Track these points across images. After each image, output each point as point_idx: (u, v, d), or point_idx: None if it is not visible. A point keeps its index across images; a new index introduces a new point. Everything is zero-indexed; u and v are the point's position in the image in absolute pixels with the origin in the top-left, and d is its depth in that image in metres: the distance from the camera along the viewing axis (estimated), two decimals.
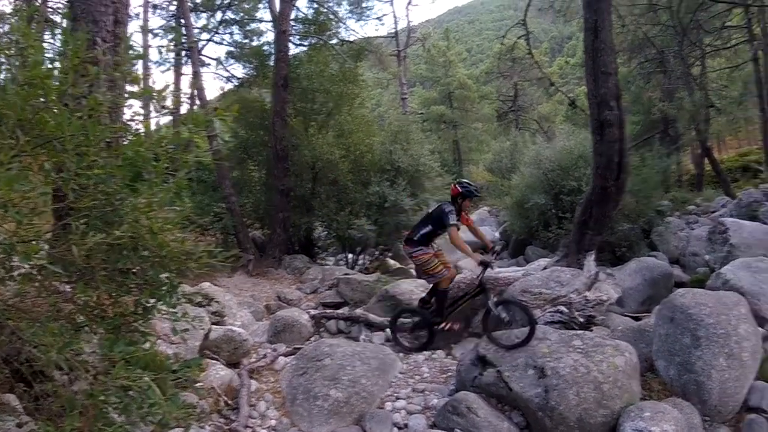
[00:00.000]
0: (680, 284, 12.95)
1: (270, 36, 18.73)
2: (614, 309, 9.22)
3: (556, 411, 5.16)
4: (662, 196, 20.15)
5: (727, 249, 12.67)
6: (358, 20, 34.37)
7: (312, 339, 8.58)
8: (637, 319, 8.41)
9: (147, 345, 3.14)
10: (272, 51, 16.80)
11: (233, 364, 6.88)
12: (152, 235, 2.84)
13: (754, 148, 33.66)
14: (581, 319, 7.65)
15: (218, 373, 6.18)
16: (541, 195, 20.35)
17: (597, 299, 8.03)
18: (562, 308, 7.77)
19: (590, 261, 10.11)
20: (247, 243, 14.70)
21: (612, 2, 12.43)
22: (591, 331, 7.14)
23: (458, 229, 6.99)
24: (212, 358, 6.58)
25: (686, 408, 5.38)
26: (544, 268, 12.27)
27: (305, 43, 17.94)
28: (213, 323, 7.20)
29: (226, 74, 20.34)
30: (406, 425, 5.84)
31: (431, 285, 7.74)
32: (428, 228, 7.38)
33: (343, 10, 23.58)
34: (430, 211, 7.75)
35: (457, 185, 7.27)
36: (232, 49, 19.73)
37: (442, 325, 7.35)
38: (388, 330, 8.88)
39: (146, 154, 2.88)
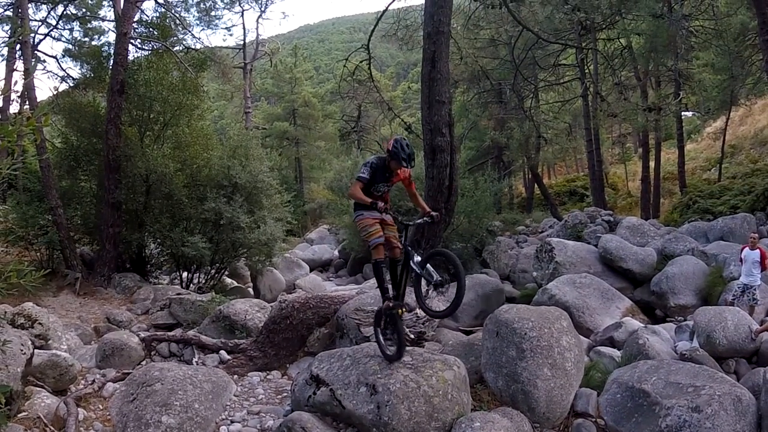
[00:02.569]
0: (511, 299, 14.30)
1: (112, 36, 17.64)
2: (448, 324, 9.79)
3: (390, 426, 5.49)
4: (494, 217, 21.85)
5: (553, 266, 14.16)
6: (206, 28, 33.43)
7: (143, 363, 8.35)
8: (468, 333, 9.05)
9: None
10: (112, 52, 15.81)
11: (60, 392, 6.55)
12: None
13: (580, 175, 37.60)
14: (412, 336, 8.09)
15: (44, 401, 5.88)
16: None
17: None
18: None
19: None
20: (74, 259, 13.71)
21: (452, 35, 13.43)
22: (422, 347, 7.62)
23: (363, 183, 5.87)
24: (37, 386, 6.23)
25: (516, 416, 5.98)
26: (377, 287, 12.80)
27: (147, 48, 17.10)
28: (36, 347, 6.75)
29: (62, 73, 18.86)
30: None
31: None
32: None
33: (191, 16, 22.90)
34: None
35: (391, 141, 6.01)
36: (70, 46, 18.24)
37: (385, 304, 6.05)
38: (222, 352, 8.83)
39: None
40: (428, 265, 5.68)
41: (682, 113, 26.62)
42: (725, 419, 5.48)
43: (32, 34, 16.10)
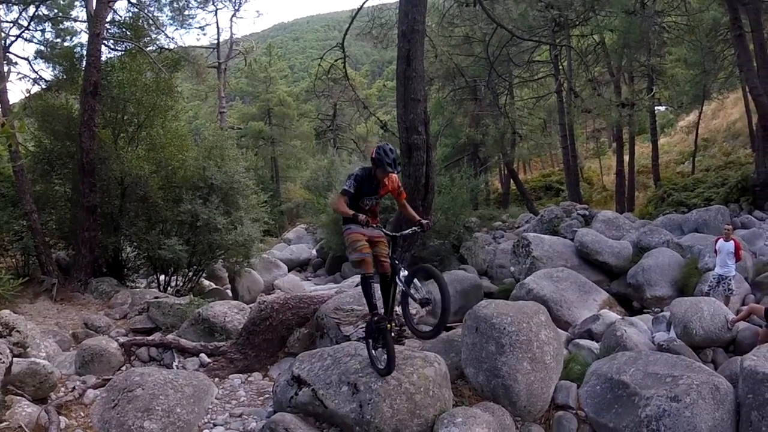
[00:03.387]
0: (489, 294, 14.41)
1: (84, 37, 17.29)
2: (427, 321, 9.86)
3: (372, 424, 5.51)
4: (471, 213, 21.97)
5: (530, 261, 14.29)
6: (180, 28, 33.05)
7: (123, 368, 8.26)
8: (447, 329, 9.10)
9: None
10: (84, 54, 15.52)
11: (40, 400, 6.46)
12: None
13: (556, 170, 37.93)
14: (392, 333, 8.11)
15: (24, 410, 5.81)
16: None
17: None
18: None
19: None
20: (50, 265, 13.42)
21: (426, 33, 13.47)
22: (402, 344, 7.64)
23: (347, 197, 5.65)
24: (17, 394, 6.13)
25: (497, 410, 6.05)
26: (357, 285, 12.81)
27: (120, 49, 16.84)
28: (15, 355, 6.62)
29: (34, 75, 18.44)
30: None
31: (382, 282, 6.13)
32: None
33: (164, 16, 22.62)
34: None
35: (374, 149, 5.74)
36: (42, 48, 17.85)
37: (373, 317, 5.88)
38: (202, 355, 8.77)
39: None
40: (415, 280, 5.49)
41: (656, 108, 27.05)
42: (704, 408, 5.59)
43: (4, 36, 15.74)
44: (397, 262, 5.67)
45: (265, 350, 8.82)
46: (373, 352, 6.02)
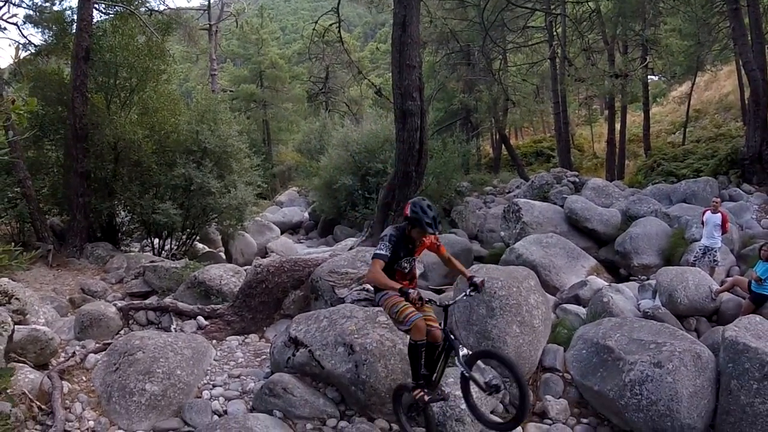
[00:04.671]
0: (479, 258, 14.66)
1: (74, 0, 16.91)
2: (419, 283, 10.04)
3: (368, 384, 5.76)
4: (462, 177, 22.11)
5: (520, 226, 14.49)
6: None
7: (122, 332, 8.39)
8: (438, 292, 9.28)
9: None
10: (75, 18, 15.25)
11: (42, 366, 6.59)
12: None
13: (547, 136, 37.91)
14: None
15: (27, 376, 5.93)
16: (349, 176, 21.45)
17: None
18: (368, 286, 8.17)
19: None
20: (45, 231, 13.45)
21: None
22: None
23: (384, 262, 4.92)
24: (19, 361, 6.25)
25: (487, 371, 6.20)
26: (351, 248, 12.99)
27: (111, 12, 16.55)
28: (15, 323, 6.73)
29: (23, 41, 18.09)
30: (225, 411, 6.10)
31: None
32: None
33: None
34: None
35: (408, 206, 5.06)
36: (31, 12, 17.47)
37: (415, 392, 5.08)
38: (199, 317, 8.94)
39: None
40: (479, 362, 4.93)
41: (649, 77, 26.98)
42: (685, 374, 5.81)
43: None
44: (453, 336, 4.91)
45: (261, 312, 8.99)
46: (406, 422, 5.45)
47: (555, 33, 24.54)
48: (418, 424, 5.63)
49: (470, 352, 4.75)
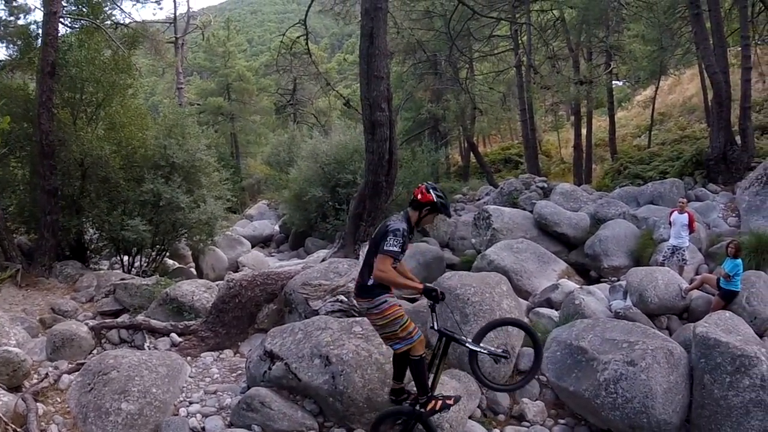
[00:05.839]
0: (451, 266, 14.69)
1: (39, 15, 16.59)
2: (393, 292, 10.05)
3: (345, 394, 5.77)
4: None
5: (490, 233, 14.58)
6: (136, 3, 32.00)
7: (94, 352, 8.28)
8: (412, 301, 9.33)
9: None
10: (40, 32, 14.97)
11: (14, 388, 6.47)
12: None
13: (515, 143, 38.26)
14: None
15: (1, 399, 5.80)
16: (319, 188, 21.44)
17: None
18: (342, 297, 8.33)
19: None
20: (13, 251, 13.09)
21: (389, 9, 13.50)
22: None
23: (397, 261, 4.73)
24: None
25: (463, 377, 6.38)
26: (323, 260, 12.97)
27: (76, 26, 16.30)
28: None
29: None
30: (203, 428, 6.06)
31: (397, 356, 5.18)
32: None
33: None
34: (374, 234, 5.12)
35: (429, 191, 4.77)
36: None
37: (431, 405, 4.87)
38: (173, 335, 8.83)
39: None
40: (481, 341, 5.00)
41: (613, 82, 27.47)
42: (658, 371, 5.94)
43: None
44: (451, 331, 4.99)
45: (235, 327, 8.93)
46: None
47: (520, 41, 24.90)
48: None
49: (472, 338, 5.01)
